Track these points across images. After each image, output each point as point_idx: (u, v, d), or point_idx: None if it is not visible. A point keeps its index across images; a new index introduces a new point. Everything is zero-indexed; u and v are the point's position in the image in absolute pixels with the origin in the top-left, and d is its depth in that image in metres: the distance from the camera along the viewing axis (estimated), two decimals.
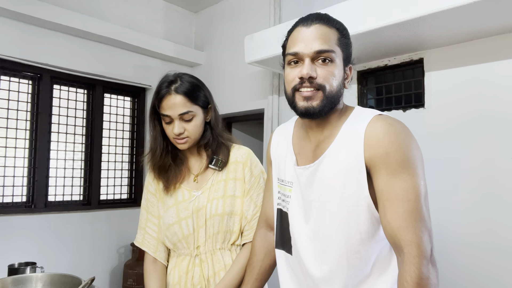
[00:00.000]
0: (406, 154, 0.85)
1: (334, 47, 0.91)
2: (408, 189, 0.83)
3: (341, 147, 0.91)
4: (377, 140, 0.86)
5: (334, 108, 0.95)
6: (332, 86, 0.91)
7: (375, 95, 2.34)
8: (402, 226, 0.82)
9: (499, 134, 1.78)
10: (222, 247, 1.26)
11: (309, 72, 0.90)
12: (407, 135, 0.87)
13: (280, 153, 1.09)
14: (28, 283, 1.49)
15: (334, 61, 0.91)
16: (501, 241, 1.74)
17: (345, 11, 1.90)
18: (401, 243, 0.82)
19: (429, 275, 0.79)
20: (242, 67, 3.05)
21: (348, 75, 0.96)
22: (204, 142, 1.30)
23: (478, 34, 1.81)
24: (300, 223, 1.00)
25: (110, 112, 3.09)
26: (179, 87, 1.24)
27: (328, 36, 0.91)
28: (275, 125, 2.81)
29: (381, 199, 0.86)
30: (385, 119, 0.89)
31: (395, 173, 0.84)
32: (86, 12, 2.80)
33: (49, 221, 2.63)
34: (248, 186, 1.29)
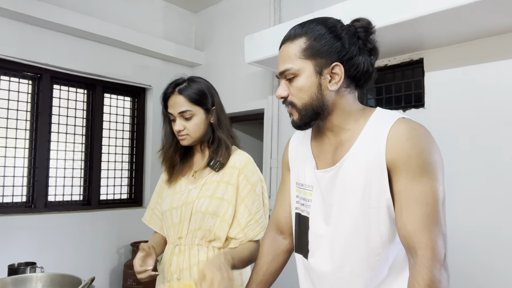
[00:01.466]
0: (428, 159, 0.85)
1: (294, 63, 0.93)
2: (427, 193, 0.84)
3: (363, 149, 0.92)
4: (399, 143, 0.87)
5: (331, 113, 0.96)
6: (302, 99, 0.94)
7: (375, 95, 2.34)
8: (418, 229, 0.83)
9: (499, 134, 1.78)
10: (200, 243, 1.33)
11: (279, 93, 0.97)
12: (429, 139, 0.88)
13: (300, 157, 1.11)
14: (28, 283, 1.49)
15: (299, 75, 0.93)
16: (502, 241, 1.74)
17: (344, 11, 1.91)
18: (416, 245, 0.83)
19: (441, 279, 0.80)
20: (242, 67, 3.05)
21: (334, 75, 0.93)
22: (207, 140, 1.40)
23: (478, 34, 1.81)
24: (321, 226, 1.00)
25: (110, 112, 3.09)
26: (183, 88, 1.35)
27: (289, 53, 0.94)
28: (275, 125, 2.81)
29: (399, 201, 0.86)
30: (408, 123, 0.89)
31: (415, 176, 0.85)
32: (86, 12, 2.80)
33: (49, 221, 2.63)
34: (243, 193, 1.34)
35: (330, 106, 0.96)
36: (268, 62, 2.41)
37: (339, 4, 1.95)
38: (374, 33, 0.99)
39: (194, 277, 1.29)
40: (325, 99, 0.94)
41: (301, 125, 0.97)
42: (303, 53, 0.93)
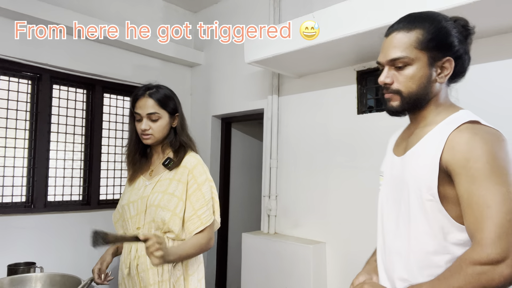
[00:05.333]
0: (489, 162, 0.86)
1: (410, 52, 0.97)
2: (489, 196, 0.84)
3: (425, 146, 0.97)
4: (458, 145, 0.90)
5: (426, 105, 1.02)
6: (410, 88, 0.99)
7: (375, 95, 2.34)
8: (478, 227, 0.84)
9: None
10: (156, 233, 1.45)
11: (384, 80, 1.02)
12: (493, 144, 0.88)
13: (388, 148, 1.19)
14: (28, 283, 1.48)
15: (412, 64, 0.98)
16: None
17: (344, 11, 1.90)
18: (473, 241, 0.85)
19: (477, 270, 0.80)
20: (242, 67, 3.04)
21: (444, 69, 0.99)
22: (167, 142, 1.57)
23: (478, 34, 1.80)
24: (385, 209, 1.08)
25: (109, 112, 3.09)
26: (153, 93, 1.53)
27: (403, 42, 0.98)
28: (275, 125, 2.81)
29: (462, 204, 0.89)
30: (473, 128, 0.91)
31: (475, 180, 0.86)
32: (86, 12, 2.80)
33: (49, 221, 2.63)
34: (190, 191, 1.50)
35: (430, 98, 1.01)
36: (268, 62, 2.41)
37: (339, 4, 1.95)
38: (473, 34, 1.07)
39: (150, 264, 1.43)
40: (430, 90, 1.00)
41: (399, 112, 1.03)
42: (420, 44, 0.97)
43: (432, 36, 0.98)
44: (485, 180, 0.85)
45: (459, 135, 0.91)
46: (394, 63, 1.00)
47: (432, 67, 0.99)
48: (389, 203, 1.07)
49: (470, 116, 0.96)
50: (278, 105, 2.81)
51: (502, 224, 0.81)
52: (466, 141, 0.89)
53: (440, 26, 0.99)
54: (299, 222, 2.63)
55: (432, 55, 0.98)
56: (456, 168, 0.89)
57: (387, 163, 1.13)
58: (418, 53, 0.98)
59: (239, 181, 3.60)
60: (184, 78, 3.56)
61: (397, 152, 1.10)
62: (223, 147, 3.46)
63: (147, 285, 1.46)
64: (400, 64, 0.99)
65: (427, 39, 0.97)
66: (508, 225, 0.81)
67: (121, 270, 1.57)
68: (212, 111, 3.39)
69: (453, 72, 1.01)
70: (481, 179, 0.85)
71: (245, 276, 2.71)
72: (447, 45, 0.99)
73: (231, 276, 3.42)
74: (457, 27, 1.02)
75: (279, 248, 2.50)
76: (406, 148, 1.04)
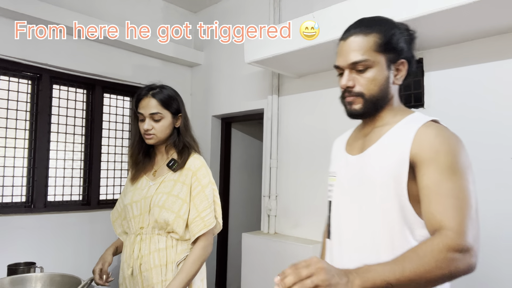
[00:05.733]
0: (457, 157, 0.91)
1: (370, 55, 1.00)
2: (457, 188, 0.87)
3: (388, 143, 1.00)
4: (427, 139, 0.92)
5: (385, 106, 1.05)
6: (372, 90, 1.01)
7: None
8: (448, 216, 0.84)
9: (499, 134, 1.78)
10: (160, 233, 1.50)
11: (345, 83, 1.03)
12: (458, 142, 0.94)
13: (336, 151, 1.22)
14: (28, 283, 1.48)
15: (373, 67, 1.01)
16: (501, 241, 1.74)
17: (344, 11, 1.90)
18: (441, 228, 0.83)
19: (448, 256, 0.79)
20: (242, 67, 3.04)
21: (399, 71, 1.04)
22: (170, 143, 1.57)
23: (478, 34, 1.81)
24: (341, 208, 1.08)
25: (109, 112, 3.09)
26: (156, 93, 1.52)
27: (363, 45, 1.01)
28: (274, 125, 2.81)
29: (427, 195, 0.89)
30: (438, 126, 0.96)
31: (444, 172, 0.88)
32: (86, 12, 2.80)
33: (49, 221, 2.63)
34: (194, 193, 1.51)
35: (389, 99, 1.06)
36: (268, 62, 2.41)
37: (339, 4, 1.95)
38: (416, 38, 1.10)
39: (155, 262, 1.47)
40: (389, 91, 1.05)
41: (362, 114, 1.05)
42: (378, 47, 1.01)
43: (388, 40, 1.01)
44: (454, 174, 0.88)
45: (427, 130, 0.94)
46: (355, 66, 1.02)
47: (390, 69, 1.03)
48: (347, 202, 1.06)
49: (430, 116, 1.00)
50: (278, 105, 2.81)
51: (471, 216, 0.84)
52: (435, 135, 0.92)
53: (393, 30, 1.03)
54: (299, 222, 2.63)
55: (389, 58, 1.02)
56: (425, 159, 0.91)
57: (339, 164, 1.14)
58: (377, 56, 1.00)
59: (239, 181, 3.60)
60: (184, 78, 3.56)
61: (352, 151, 1.11)
62: (223, 147, 3.46)
63: (151, 284, 1.46)
64: (361, 67, 1.01)
65: (384, 42, 1.01)
66: (474, 218, 0.85)
67: (122, 270, 1.56)
68: (212, 111, 3.39)
69: (406, 74, 1.06)
70: (450, 172, 0.88)
71: (245, 276, 2.71)
72: (400, 48, 1.03)
73: (231, 276, 3.42)
74: (404, 32, 1.06)
75: (279, 248, 2.50)
76: (364, 147, 1.06)
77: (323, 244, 1.29)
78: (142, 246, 1.49)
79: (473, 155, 1.83)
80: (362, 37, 1.01)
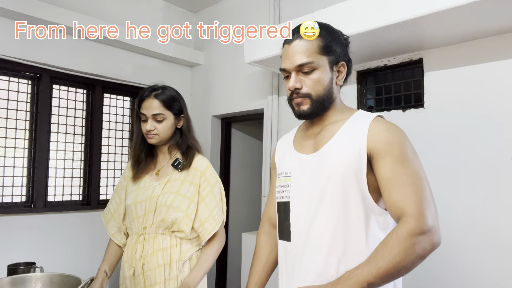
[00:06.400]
0: (406, 146, 0.99)
1: (314, 57, 1.06)
2: (411, 174, 0.94)
3: (344, 138, 1.04)
4: (380, 132, 1.00)
5: (330, 105, 1.11)
6: (318, 91, 1.07)
7: (375, 95, 2.34)
8: (407, 203, 0.91)
9: (499, 134, 1.78)
10: (164, 232, 1.51)
11: (293, 85, 1.07)
12: (403, 133, 1.02)
13: (282, 152, 1.24)
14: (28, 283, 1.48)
15: (317, 69, 1.06)
16: (501, 241, 1.74)
17: (344, 11, 1.90)
18: (403, 215, 0.91)
19: (414, 241, 0.86)
20: (242, 67, 3.05)
21: (340, 72, 1.11)
22: (173, 143, 1.59)
23: (478, 34, 1.81)
24: (302, 207, 1.09)
25: (109, 112, 3.09)
26: (159, 94, 1.54)
27: (307, 48, 1.07)
28: (274, 125, 2.81)
29: (387, 185, 0.96)
30: (385, 120, 1.05)
31: (398, 161, 0.96)
32: (86, 12, 2.80)
33: (49, 221, 2.63)
34: (203, 193, 1.54)
35: (333, 99, 1.11)
36: (268, 62, 2.41)
37: (339, 4, 1.95)
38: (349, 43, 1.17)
39: (158, 261, 1.47)
40: (333, 92, 1.10)
41: (309, 114, 1.09)
42: (321, 50, 1.07)
43: (329, 43, 1.08)
44: (406, 162, 0.96)
45: (378, 125, 1.01)
46: (301, 68, 1.06)
47: (332, 71, 1.09)
48: (309, 200, 1.06)
49: (375, 113, 1.08)
50: (278, 105, 2.81)
51: (427, 198, 0.92)
52: (386, 129, 1.00)
53: (333, 34, 1.10)
54: None
55: (331, 60, 1.08)
56: (380, 151, 0.98)
57: (292, 164, 1.14)
58: (321, 58, 1.06)
59: (239, 181, 3.60)
60: (184, 78, 3.56)
61: (304, 150, 1.13)
62: (223, 147, 3.46)
63: (153, 284, 1.46)
64: (306, 69, 1.06)
65: (326, 45, 1.07)
66: (430, 198, 0.93)
67: (122, 270, 1.56)
68: (212, 111, 3.39)
69: (345, 76, 1.12)
70: (403, 160, 0.96)
71: (245, 276, 2.71)
72: (339, 51, 1.10)
73: (231, 276, 3.42)
74: (340, 36, 1.13)
75: None
76: (318, 145, 1.09)
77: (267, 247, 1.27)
78: (146, 246, 1.49)
79: (473, 155, 1.84)
80: (305, 41, 1.08)
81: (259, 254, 1.27)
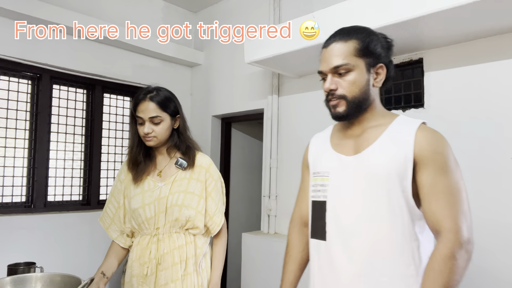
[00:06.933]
0: (449, 157, 1.02)
1: (350, 59, 1.08)
2: (451, 185, 0.99)
3: (388, 143, 1.06)
4: (426, 141, 1.03)
5: (368, 107, 1.12)
6: (353, 92, 1.09)
7: None
8: (445, 215, 0.97)
9: (499, 134, 1.78)
10: (178, 231, 1.55)
11: (329, 87, 1.10)
12: (447, 143, 1.05)
13: (317, 151, 1.25)
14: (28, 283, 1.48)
15: (353, 70, 1.08)
16: (501, 241, 1.74)
17: (344, 11, 1.90)
18: (441, 230, 0.97)
19: (457, 257, 0.94)
20: (242, 67, 3.05)
21: (378, 74, 1.11)
22: (172, 144, 1.60)
23: (478, 34, 1.81)
24: (339, 208, 1.11)
25: (109, 112, 3.09)
26: (154, 96, 1.54)
27: (343, 51, 1.09)
28: (274, 125, 2.81)
29: (427, 193, 1.01)
30: (429, 128, 1.08)
31: (441, 171, 1.00)
32: (86, 12, 2.80)
33: (49, 221, 2.63)
34: (209, 188, 1.60)
35: (370, 101, 1.12)
36: (268, 62, 2.41)
37: (339, 4, 1.95)
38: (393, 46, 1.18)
39: (174, 259, 1.50)
40: (370, 93, 1.11)
41: (345, 116, 1.12)
42: (357, 52, 1.09)
43: (366, 45, 1.09)
44: (447, 172, 1.00)
45: (425, 133, 1.04)
46: (337, 70, 1.09)
47: (369, 73, 1.10)
48: (349, 201, 1.09)
49: (418, 119, 1.10)
50: (278, 105, 2.81)
51: (463, 210, 0.99)
52: (432, 138, 1.03)
53: (371, 36, 1.12)
54: None
55: (368, 62, 1.09)
56: (425, 160, 1.01)
57: (331, 164, 1.16)
58: (357, 60, 1.08)
59: (239, 181, 3.60)
60: (184, 78, 3.56)
61: (343, 151, 1.15)
62: (223, 147, 3.46)
63: (169, 281, 1.49)
64: (342, 70, 1.09)
65: (362, 47, 1.09)
66: (466, 209, 1.00)
67: (130, 269, 1.57)
68: (212, 111, 3.39)
69: (385, 79, 1.13)
70: (444, 171, 1.00)
71: (245, 276, 2.72)
72: (378, 53, 1.11)
73: (231, 276, 3.42)
74: (381, 39, 1.14)
75: (279, 248, 2.50)
76: (360, 147, 1.11)
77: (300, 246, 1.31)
78: (161, 245, 1.52)
79: (473, 155, 1.84)
80: (342, 44, 1.10)
81: (292, 252, 1.31)
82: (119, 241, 1.63)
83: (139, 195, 1.57)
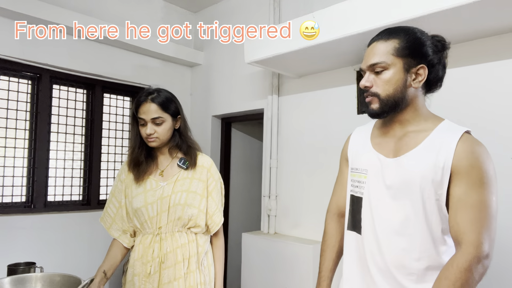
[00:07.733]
0: (486, 173, 1.03)
1: (386, 58, 1.09)
2: (481, 201, 1.00)
3: (428, 150, 1.07)
4: (466, 155, 1.03)
5: (405, 108, 1.12)
6: (387, 91, 1.09)
7: None
8: (469, 228, 0.99)
9: (499, 134, 1.78)
10: (180, 230, 1.57)
11: (364, 83, 1.12)
12: (488, 157, 1.05)
13: (357, 147, 1.27)
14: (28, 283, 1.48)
15: (388, 69, 1.09)
16: (501, 241, 1.74)
17: (344, 11, 1.90)
18: (463, 241, 0.99)
19: (473, 271, 0.95)
20: (242, 67, 3.05)
21: (419, 75, 1.10)
22: (173, 144, 1.63)
23: (477, 34, 1.81)
24: (374, 206, 1.14)
25: (109, 112, 3.09)
26: (155, 97, 1.56)
27: (382, 49, 1.10)
28: (274, 125, 2.81)
29: (456, 204, 1.02)
30: (472, 139, 1.08)
31: (473, 186, 1.01)
32: (86, 12, 2.80)
33: (49, 221, 2.63)
34: (210, 188, 1.64)
35: (407, 101, 1.12)
36: (268, 62, 2.41)
37: (339, 4, 1.95)
38: (449, 49, 1.18)
39: (177, 258, 1.53)
40: (406, 94, 1.11)
41: (379, 114, 1.13)
42: (396, 52, 1.09)
43: (407, 45, 1.09)
44: (481, 187, 1.01)
45: (465, 146, 1.04)
46: (373, 68, 1.11)
47: (407, 73, 1.09)
48: (386, 200, 1.12)
49: (462, 127, 1.10)
50: (278, 105, 2.81)
51: (489, 226, 1.00)
52: (472, 151, 1.03)
53: (414, 37, 1.11)
54: (299, 222, 2.63)
55: (407, 62, 1.09)
56: (460, 172, 1.02)
57: (370, 163, 1.18)
58: (394, 59, 1.09)
59: (239, 181, 3.60)
60: (184, 78, 3.56)
61: (383, 152, 1.16)
62: (223, 147, 3.46)
63: (172, 280, 1.51)
64: (378, 68, 1.10)
65: (402, 47, 1.09)
66: (492, 227, 1.01)
67: (132, 268, 1.58)
68: (212, 111, 3.39)
69: (428, 80, 1.12)
70: (478, 186, 1.01)
71: (245, 276, 2.72)
72: (421, 54, 1.10)
73: (231, 276, 3.42)
74: (432, 40, 1.14)
75: (279, 248, 2.50)
76: (400, 151, 1.12)
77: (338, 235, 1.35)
78: (164, 244, 1.54)
79: None
80: (382, 42, 1.11)
81: (330, 240, 1.35)
82: (122, 240, 1.63)
83: (142, 195, 1.58)
